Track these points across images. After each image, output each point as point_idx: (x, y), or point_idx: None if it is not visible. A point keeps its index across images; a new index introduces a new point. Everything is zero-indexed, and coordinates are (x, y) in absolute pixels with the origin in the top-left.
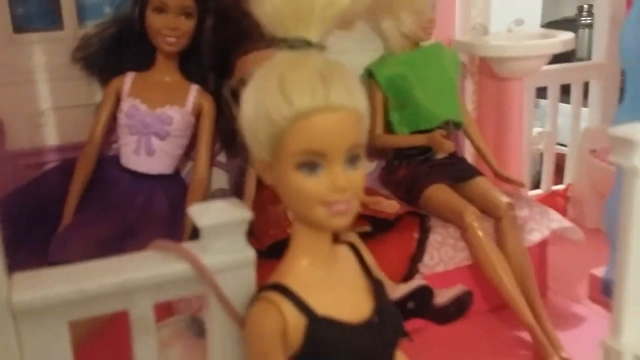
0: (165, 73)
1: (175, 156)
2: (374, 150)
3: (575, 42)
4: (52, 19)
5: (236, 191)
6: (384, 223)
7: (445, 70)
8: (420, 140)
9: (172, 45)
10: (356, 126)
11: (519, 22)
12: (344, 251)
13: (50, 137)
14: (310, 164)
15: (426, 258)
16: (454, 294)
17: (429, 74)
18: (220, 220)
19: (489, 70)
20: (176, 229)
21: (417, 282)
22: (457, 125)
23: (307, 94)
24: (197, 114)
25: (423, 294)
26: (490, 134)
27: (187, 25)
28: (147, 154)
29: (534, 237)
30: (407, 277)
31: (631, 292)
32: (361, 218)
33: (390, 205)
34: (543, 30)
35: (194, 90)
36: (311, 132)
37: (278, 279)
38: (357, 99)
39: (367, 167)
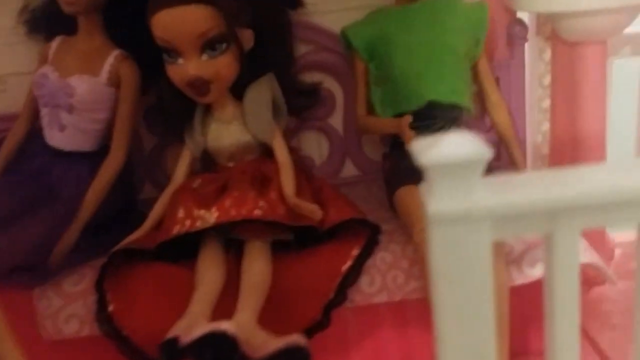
0: (87, 36)
1: (91, 131)
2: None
3: None
4: None
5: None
6: (313, 232)
7: (449, 33)
8: (389, 126)
9: (70, 5)
10: None
11: None
12: None
13: (11, 104)
14: None
15: (364, 283)
16: (280, 347)
17: (422, 37)
18: None
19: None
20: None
21: (214, 325)
22: (458, 108)
23: None
24: (117, 84)
25: (221, 342)
26: (563, 119)
27: None
28: (58, 128)
29: (536, 271)
30: (332, 305)
31: None
32: (282, 224)
33: (311, 211)
34: None
35: (111, 57)
36: None
37: None
38: None
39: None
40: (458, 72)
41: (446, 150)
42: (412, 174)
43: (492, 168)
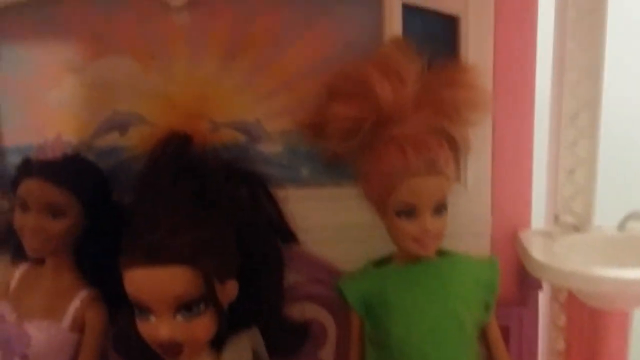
0: (54, 274)
1: None
2: None
3: None
4: None
5: None
6: None
7: (455, 301)
8: None
9: (35, 251)
10: None
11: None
12: None
13: None
14: None
15: None
16: None
17: (424, 304)
18: None
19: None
20: None
21: None
22: None
23: None
24: (81, 328)
25: None
26: None
27: (56, 226)
28: None
29: None
30: None
31: None
32: None
33: None
34: None
35: (78, 299)
36: None
37: None
38: None
39: None
40: (464, 347)
41: None
42: None
43: None
